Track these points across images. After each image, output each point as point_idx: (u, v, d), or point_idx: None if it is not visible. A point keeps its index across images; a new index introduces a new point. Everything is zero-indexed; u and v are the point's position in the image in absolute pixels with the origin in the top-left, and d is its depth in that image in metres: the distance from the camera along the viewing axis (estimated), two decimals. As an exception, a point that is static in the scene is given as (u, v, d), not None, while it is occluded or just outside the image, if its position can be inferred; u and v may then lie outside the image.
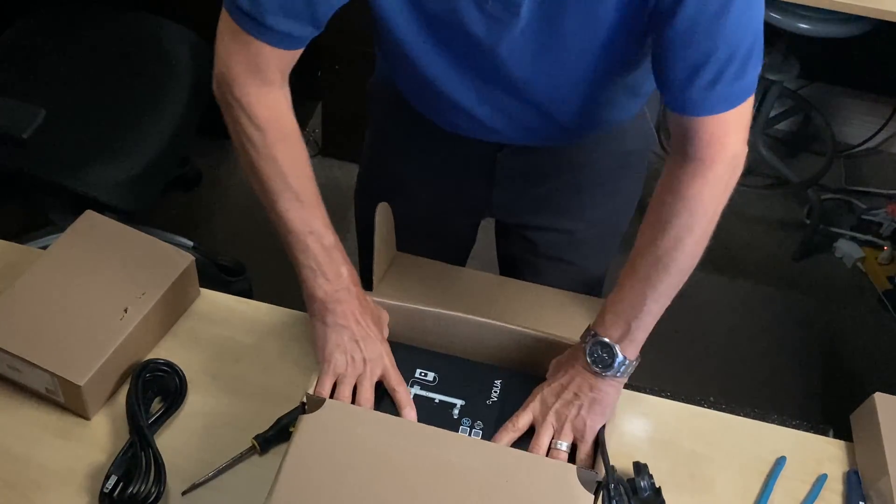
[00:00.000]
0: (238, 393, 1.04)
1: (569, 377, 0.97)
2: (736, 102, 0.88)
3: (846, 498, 1.02)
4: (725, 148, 0.90)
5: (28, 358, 0.97)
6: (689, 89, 0.87)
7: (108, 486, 0.93)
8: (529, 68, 0.96)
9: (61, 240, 1.09)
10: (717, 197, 0.92)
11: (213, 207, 2.38)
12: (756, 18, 0.85)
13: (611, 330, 0.96)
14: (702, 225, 0.93)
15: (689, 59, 0.85)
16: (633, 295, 0.95)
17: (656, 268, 0.94)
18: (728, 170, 0.92)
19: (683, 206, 0.91)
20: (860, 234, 2.45)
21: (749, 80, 0.87)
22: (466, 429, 0.97)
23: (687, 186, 0.91)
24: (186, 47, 1.85)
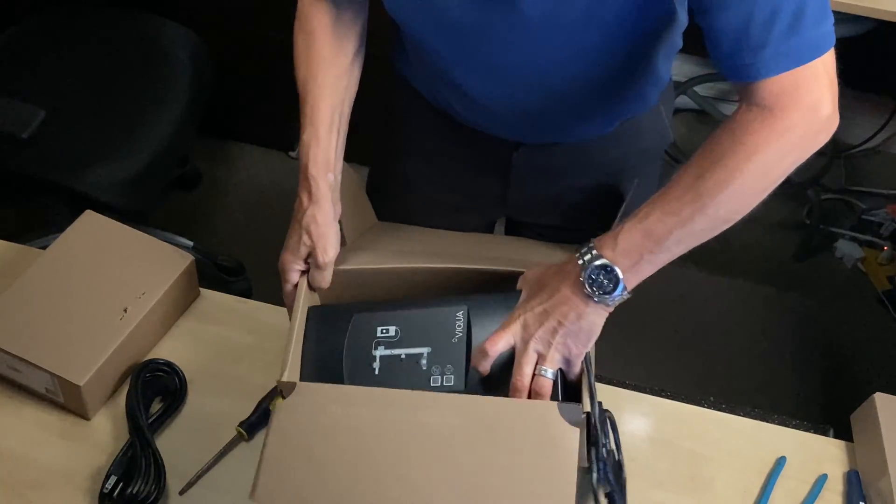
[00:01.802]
0: (238, 393, 1.04)
1: (554, 301, 0.88)
2: (798, 61, 0.81)
3: (846, 498, 1.02)
4: (798, 101, 0.82)
5: (28, 358, 0.97)
6: (741, 54, 0.81)
7: (108, 486, 0.93)
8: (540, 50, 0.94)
9: (61, 240, 1.09)
10: (783, 150, 0.83)
11: (213, 207, 2.38)
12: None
13: (620, 257, 0.87)
14: (757, 175, 0.84)
15: (733, 22, 0.81)
16: (659, 228, 0.86)
17: (693, 206, 0.85)
18: (801, 121, 0.82)
19: (742, 148, 0.83)
20: (860, 234, 2.45)
21: (809, 35, 0.80)
22: (438, 377, 0.91)
23: (750, 132, 0.83)
24: (186, 47, 1.85)
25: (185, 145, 1.85)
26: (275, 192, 2.39)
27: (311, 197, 0.98)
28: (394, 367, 0.93)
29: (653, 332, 2.21)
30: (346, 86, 1.03)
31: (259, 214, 2.35)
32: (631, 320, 2.17)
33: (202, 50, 1.87)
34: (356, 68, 1.05)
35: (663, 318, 2.24)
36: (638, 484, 1.00)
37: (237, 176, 2.45)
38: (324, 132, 0.99)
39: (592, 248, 0.88)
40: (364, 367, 0.94)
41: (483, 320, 0.93)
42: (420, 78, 1.15)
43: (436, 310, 0.95)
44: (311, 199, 0.98)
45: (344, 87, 1.03)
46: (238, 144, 2.51)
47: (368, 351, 0.94)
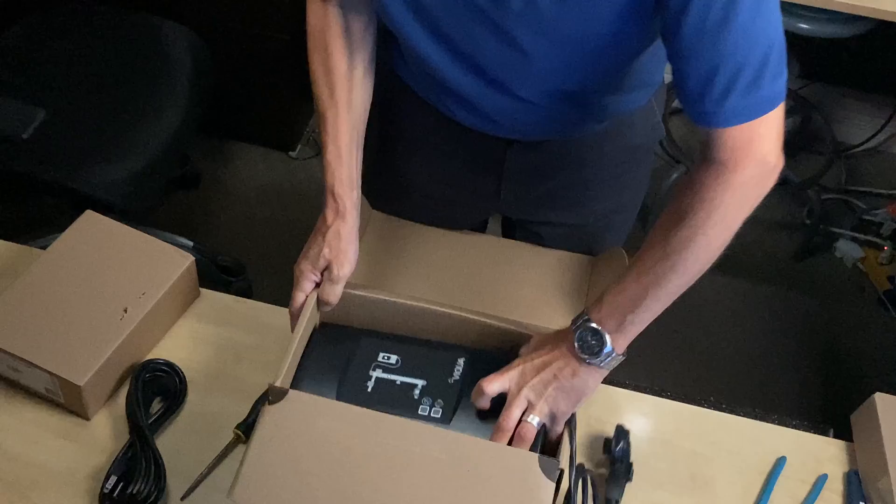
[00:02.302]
0: (238, 393, 1.04)
1: (552, 356, 0.94)
2: (754, 114, 0.87)
3: (846, 498, 1.02)
4: (750, 155, 0.88)
5: (28, 358, 0.97)
6: (703, 101, 0.86)
7: (108, 486, 0.93)
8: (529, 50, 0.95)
9: (61, 240, 1.09)
10: (738, 203, 0.90)
11: (213, 207, 2.38)
12: (769, 28, 0.84)
13: (605, 319, 0.93)
14: (718, 229, 0.91)
15: (699, 71, 0.85)
16: (635, 288, 0.94)
17: (664, 265, 0.92)
18: (754, 175, 0.89)
19: (701, 207, 0.89)
20: (860, 234, 2.45)
21: (767, 91, 0.86)
22: (427, 408, 0.95)
23: (708, 188, 0.89)
24: (186, 47, 1.85)
25: (185, 145, 1.85)
26: (275, 192, 2.39)
27: (338, 213, 1.00)
28: (386, 389, 0.97)
29: (653, 332, 2.20)
30: (362, 100, 1.05)
31: (259, 214, 2.35)
32: (631, 320, 2.18)
33: (202, 50, 1.87)
34: (370, 79, 1.06)
35: (663, 318, 2.23)
36: (638, 484, 1.00)
37: (237, 176, 2.45)
38: (346, 151, 1.02)
39: (585, 312, 0.95)
40: (358, 383, 0.97)
41: (480, 372, 0.97)
42: (413, 77, 1.15)
43: (440, 351, 1.00)
44: (337, 215, 1.00)
45: (360, 101, 1.04)
46: (238, 144, 2.51)
47: (366, 371, 0.98)
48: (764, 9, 0.83)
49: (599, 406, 1.07)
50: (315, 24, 1.03)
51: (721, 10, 0.80)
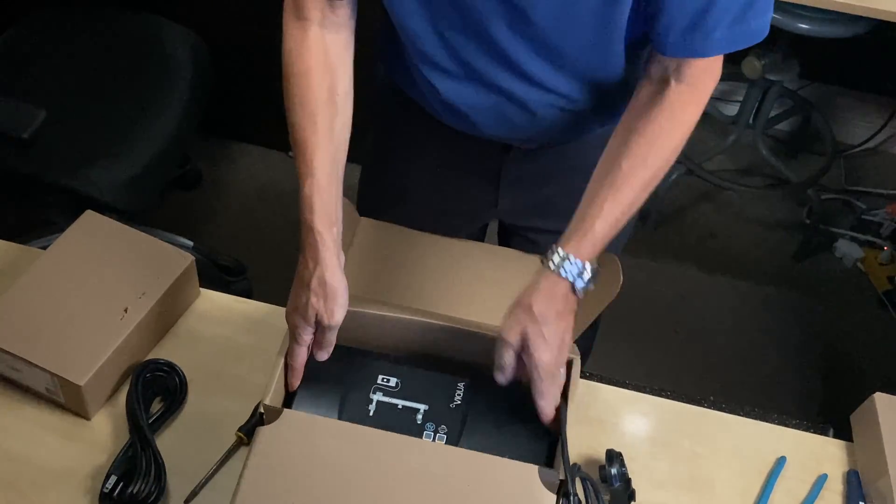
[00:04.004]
0: (238, 393, 1.04)
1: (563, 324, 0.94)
2: (738, 45, 0.91)
3: (846, 498, 1.02)
4: (713, 75, 0.94)
5: (28, 358, 0.97)
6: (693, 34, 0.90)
7: (108, 486, 0.93)
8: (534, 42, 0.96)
9: (61, 240, 1.09)
10: (697, 115, 0.96)
11: (213, 207, 2.38)
12: None
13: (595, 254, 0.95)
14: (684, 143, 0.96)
15: (691, 8, 0.88)
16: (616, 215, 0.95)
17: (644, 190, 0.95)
18: (709, 92, 0.96)
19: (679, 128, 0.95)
20: (860, 234, 2.45)
21: (752, 25, 0.90)
22: (430, 433, 0.96)
23: (684, 110, 0.94)
24: (186, 47, 1.85)
25: (185, 145, 1.85)
26: (275, 192, 2.39)
27: (318, 257, 0.94)
28: (389, 413, 0.97)
29: (653, 332, 2.21)
30: (342, 127, 1.00)
31: (259, 214, 2.35)
32: (631, 320, 2.18)
33: (202, 50, 1.87)
34: (350, 101, 1.01)
35: (663, 318, 2.24)
36: (638, 484, 1.00)
37: (237, 176, 2.45)
38: (325, 183, 0.95)
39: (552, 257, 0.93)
40: (360, 406, 0.97)
41: (482, 398, 0.98)
42: (412, 80, 1.14)
43: (439, 375, 0.99)
44: (318, 259, 0.94)
45: (340, 128, 0.99)
46: (238, 144, 2.51)
47: (366, 394, 0.98)
48: None
49: (599, 406, 1.08)
50: (293, 48, 0.98)
51: None
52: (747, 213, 2.50)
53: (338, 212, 0.97)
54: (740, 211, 2.50)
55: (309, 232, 0.94)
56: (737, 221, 2.48)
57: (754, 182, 2.56)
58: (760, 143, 2.41)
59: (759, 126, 2.40)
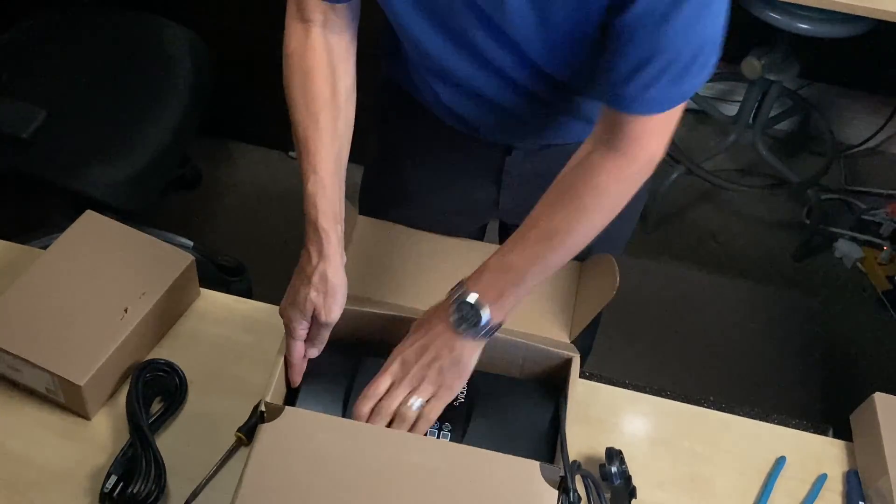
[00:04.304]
0: (238, 393, 1.04)
1: (430, 337, 0.94)
2: (668, 106, 0.88)
3: (846, 498, 1.02)
4: (647, 148, 0.90)
5: (28, 358, 0.97)
6: (627, 86, 0.86)
7: (108, 486, 0.93)
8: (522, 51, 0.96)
9: (61, 240, 1.09)
10: (623, 193, 0.93)
11: (213, 207, 2.38)
12: (708, 28, 0.84)
13: (484, 291, 0.93)
14: (601, 216, 0.93)
15: (632, 57, 0.85)
16: (518, 263, 0.94)
17: (547, 244, 0.93)
18: (643, 169, 0.92)
19: (591, 193, 0.91)
20: (860, 234, 2.45)
21: (686, 87, 0.87)
22: (435, 431, 0.96)
23: (601, 176, 0.91)
24: (186, 47, 1.85)
25: (185, 145, 1.85)
26: (275, 192, 2.39)
27: (322, 253, 0.94)
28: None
29: (653, 332, 2.21)
30: (344, 126, 1.00)
31: (259, 214, 2.35)
32: (631, 320, 2.18)
33: (202, 50, 1.87)
34: (353, 101, 1.02)
35: (663, 318, 2.24)
36: (638, 484, 1.00)
37: (237, 176, 2.45)
38: (329, 181, 0.96)
39: (461, 285, 0.95)
40: None
41: (485, 395, 0.99)
42: (414, 82, 1.14)
43: None
44: (322, 255, 0.94)
45: (343, 127, 1.00)
46: (238, 144, 2.51)
47: None
48: (711, 9, 0.83)
49: (599, 406, 1.08)
50: (295, 48, 0.98)
51: (669, 3, 0.80)
52: (747, 213, 2.50)
53: (341, 209, 0.97)
54: (740, 211, 2.50)
55: (314, 229, 0.95)
56: (737, 221, 2.48)
57: (754, 182, 2.56)
58: (760, 143, 2.41)
59: (758, 126, 2.40)
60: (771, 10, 2.05)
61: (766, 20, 2.07)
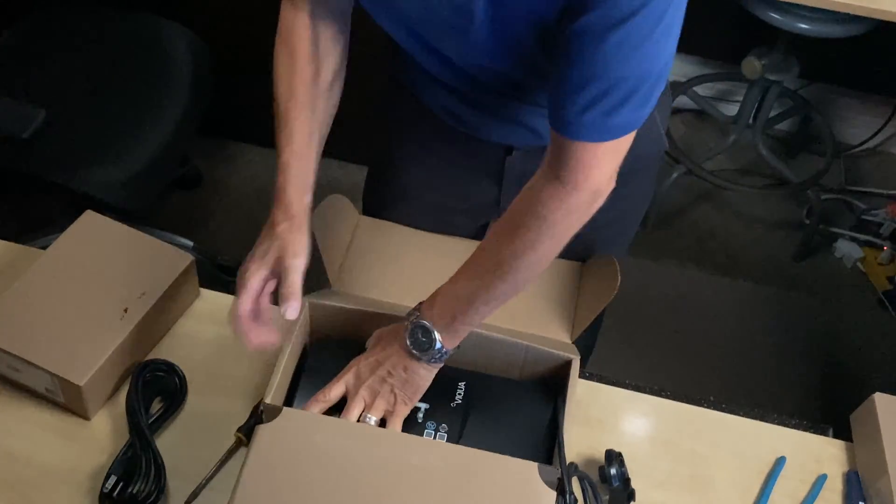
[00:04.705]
0: (238, 393, 1.04)
1: (385, 353, 0.96)
2: (606, 136, 0.85)
3: (846, 498, 1.02)
4: (589, 178, 0.88)
5: (28, 358, 0.97)
6: (566, 108, 0.85)
7: (108, 486, 0.93)
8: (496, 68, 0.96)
9: (61, 240, 1.09)
10: (570, 223, 0.91)
11: (213, 207, 2.38)
12: (654, 58, 0.82)
13: (437, 317, 0.94)
14: (547, 246, 0.92)
15: (573, 77, 0.83)
16: (466, 290, 0.94)
17: (494, 272, 0.92)
18: (587, 200, 0.89)
19: (535, 223, 0.90)
20: (860, 234, 2.45)
21: (624, 119, 0.84)
22: (431, 432, 0.96)
23: (544, 205, 0.89)
24: (186, 47, 1.85)
25: (185, 145, 1.85)
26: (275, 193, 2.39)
27: (287, 215, 0.95)
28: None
29: (653, 332, 2.21)
30: (324, 108, 1.01)
31: (259, 214, 2.34)
32: (631, 320, 2.18)
33: (202, 50, 1.87)
34: (336, 89, 1.03)
35: (663, 318, 2.24)
36: (638, 484, 1.00)
37: (237, 176, 2.45)
38: (304, 153, 0.97)
39: (417, 309, 0.96)
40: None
41: (482, 397, 0.99)
42: (413, 81, 1.15)
43: (439, 374, 0.99)
44: (287, 216, 0.95)
45: (323, 108, 1.01)
46: (238, 144, 2.51)
47: None
48: (656, 38, 0.80)
49: (599, 406, 1.08)
50: (284, 26, 1.00)
51: (607, 29, 0.78)
52: (747, 213, 2.50)
53: (311, 184, 0.98)
54: (740, 211, 2.50)
55: (281, 196, 0.96)
56: (737, 221, 2.48)
57: (754, 182, 2.56)
58: (760, 143, 2.41)
59: (758, 126, 2.40)
60: (771, 10, 2.05)
61: (766, 20, 2.07)
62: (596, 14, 0.77)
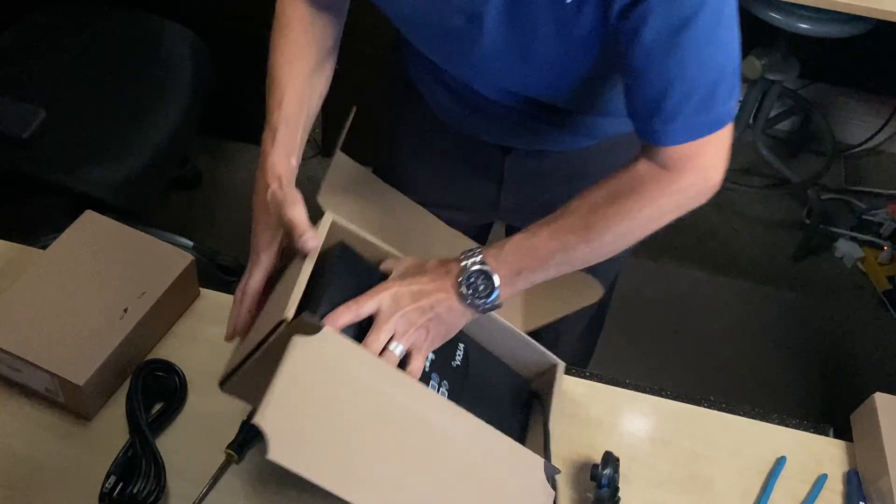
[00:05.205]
0: (238, 393, 1.04)
1: (433, 286, 0.88)
2: (702, 133, 0.86)
3: (846, 498, 1.02)
4: (694, 167, 0.88)
5: (28, 358, 0.97)
6: (651, 121, 0.86)
7: (107, 485, 0.93)
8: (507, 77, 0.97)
9: (61, 240, 1.09)
10: (671, 206, 0.90)
11: (213, 207, 2.38)
12: (721, 54, 0.84)
13: (502, 266, 0.89)
14: (642, 222, 0.90)
15: (648, 92, 0.84)
16: (545, 247, 0.89)
17: (581, 235, 0.89)
18: (694, 186, 0.89)
19: (635, 197, 0.88)
20: (860, 234, 2.45)
21: (717, 113, 0.86)
22: (435, 385, 0.93)
23: (646, 185, 0.88)
24: (186, 47, 1.85)
25: (184, 145, 1.85)
26: (275, 192, 2.39)
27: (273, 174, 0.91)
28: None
29: (653, 332, 2.21)
30: (316, 82, 1.00)
31: (259, 214, 2.35)
32: (631, 320, 2.18)
33: (202, 50, 1.87)
34: (328, 69, 1.02)
35: (663, 318, 2.24)
36: (638, 484, 1.00)
37: (237, 176, 2.45)
38: (293, 119, 0.94)
39: (478, 251, 0.90)
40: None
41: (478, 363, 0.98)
42: (420, 80, 1.16)
43: None
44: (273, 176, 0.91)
45: (314, 82, 0.99)
46: (238, 144, 2.51)
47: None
48: (719, 35, 0.82)
49: (599, 406, 1.08)
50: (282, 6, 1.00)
51: (673, 34, 0.79)
52: (747, 213, 2.50)
53: (298, 149, 0.95)
54: (740, 211, 2.50)
55: (266, 158, 0.92)
56: (737, 221, 2.48)
57: (754, 182, 2.56)
58: (760, 143, 2.41)
59: (759, 126, 2.40)
60: (771, 10, 2.05)
61: (767, 20, 2.07)
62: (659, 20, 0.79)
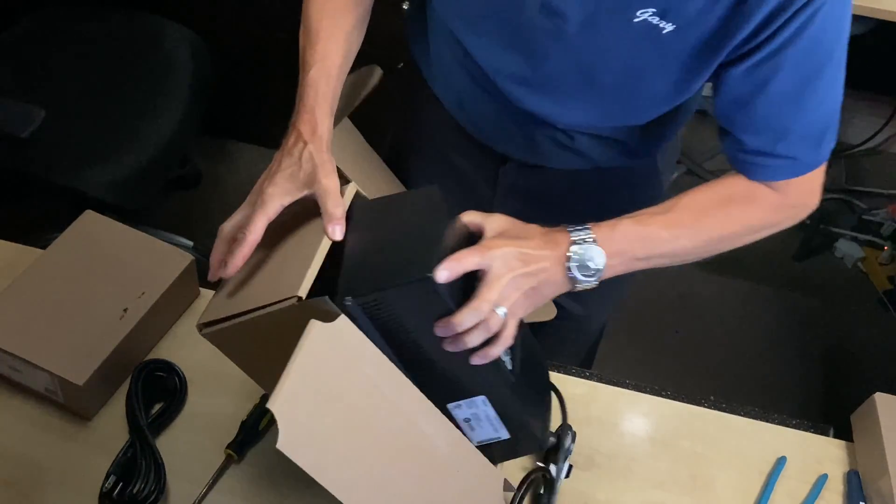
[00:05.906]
0: (238, 393, 1.04)
1: (543, 254, 0.84)
2: (811, 169, 0.92)
3: (847, 498, 1.02)
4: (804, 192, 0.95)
5: (28, 358, 0.97)
6: (764, 158, 0.91)
7: (107, 485, 0.93)
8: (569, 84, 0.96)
9: (61, 240, 1.09)
10: (778, 223, 0.98)
11: (213, 207, 2.38)
12: (837, 96, 0.89)
13: (612, 247, 0.87)
14: (751, 234, 0.96)
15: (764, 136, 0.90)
16: (655, 236, 0.89)
17: (690, 231, 0.91)
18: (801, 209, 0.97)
19: (750, 211, 0.95)
20: (860, 234, 2.45)
21: (825, 150, 0.92)
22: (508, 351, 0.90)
23: (760, 201, 0.94)
24: (186, 47, 1.85)
25: (185, 145, 1.85)
26: (275, 192, 2.39)
27: (314, 135, 0.89)
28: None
29: (653, 332, 2.21)
30: (355, 39, 0.99)
31: (259, 214, 2.35)
32: (631, 320, 2.18)
33: (202, 50, 1.87)
34: (363, 27, 1.01)
35: (663, 318, 2.24)
36: (638, 484, 1.00)
37: (237, 176, 2.45)
38: (335, 73, 0.93)
39: (588, 230, 0.87)
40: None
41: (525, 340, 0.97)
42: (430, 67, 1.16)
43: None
44: (314, 136, 0.89)
45: (354, 39, 0.99)
46: (238, 144, 2.51)
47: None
48: (838, 79, 0.87)
49: (600, 406, 1.07)
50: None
51: (803, 85, 0.85)
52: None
53: (334, 105, 0.94)
54: (740, 211, 2.50)
55: (307, 111, 0.90)
56: (737, 221, 2.48)
57: (754, 182, 2.56)
58: (760, 143, 2.41)
59: (759, 126, 2.40)
60: (771, 10, 2.05)
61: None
62: (791, 73, 0.84)
